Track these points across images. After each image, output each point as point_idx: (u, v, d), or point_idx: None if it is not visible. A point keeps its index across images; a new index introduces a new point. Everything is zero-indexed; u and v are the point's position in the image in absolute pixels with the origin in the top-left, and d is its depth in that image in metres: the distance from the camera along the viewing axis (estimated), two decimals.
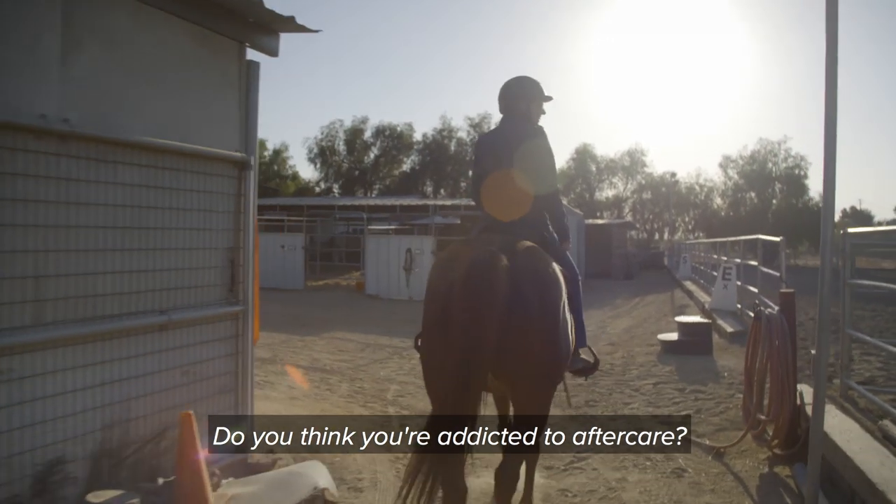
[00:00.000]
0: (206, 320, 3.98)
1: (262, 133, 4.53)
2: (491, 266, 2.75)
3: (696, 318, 9.86)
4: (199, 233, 3.93)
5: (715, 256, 17.15)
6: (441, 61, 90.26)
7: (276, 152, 58.35)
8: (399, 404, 6.92)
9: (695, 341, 8.68)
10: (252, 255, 4.28)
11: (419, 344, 3.39)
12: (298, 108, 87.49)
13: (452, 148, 55.76)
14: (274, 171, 57.23)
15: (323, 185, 57.92)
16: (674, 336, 9.12)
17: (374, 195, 52.27)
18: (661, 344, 9.17)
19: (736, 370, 7.56)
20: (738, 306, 12.06)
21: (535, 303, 2.88)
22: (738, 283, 12.26)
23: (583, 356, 3.69)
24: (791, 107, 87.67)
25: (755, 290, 10.45)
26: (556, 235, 3.83)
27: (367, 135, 56.77)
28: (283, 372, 8.50)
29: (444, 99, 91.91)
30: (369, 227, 21.03)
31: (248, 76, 4.29)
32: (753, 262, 10.67)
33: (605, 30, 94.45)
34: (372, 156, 57.38)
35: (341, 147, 57.23)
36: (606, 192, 60.35)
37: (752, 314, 10.89)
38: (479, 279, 2.70)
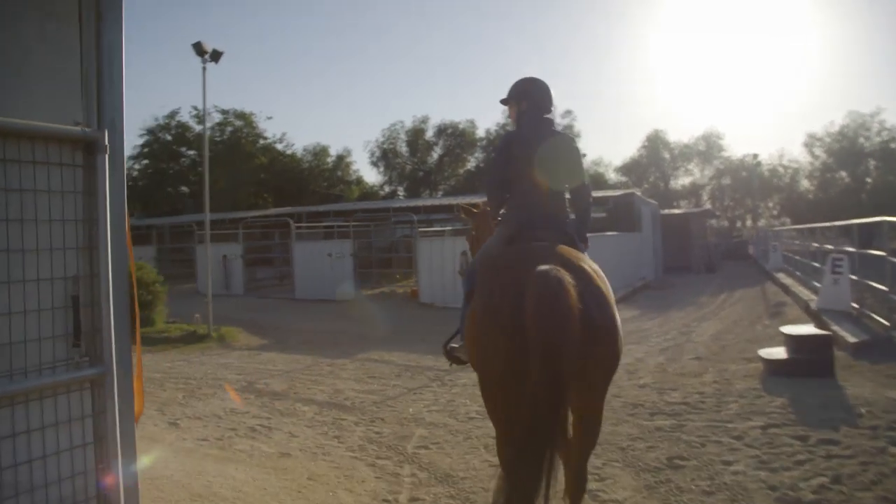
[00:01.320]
0: (25, 396, 2.43)
1: (324, 139, 3.41)
2: (564, 293, 2.61)
3: (810, 329, 7.73)
4: (4, 257, 2.38)
5: (815, 245, 14.76)
6: (503, 54, 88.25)
7: (340, 157, 57.78)
8: (419, 461, 5.28)
9: (810, 360, 6.64)
10: (120, 285, 2.72)
11: (451, 353, 3.90)
12: (360, 112, 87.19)
13: None
14: (338, 177, 56.73)
15: (387, 189, 57.03)
16: (780, 352, 7.10)
17: (439, 196, 50.93)
18: (763, 362, 7.17)
19: (877, 403, 5.54)
20: (855, 306, 9.83)
21: (601, 322, 2.83)
22: (853, 276, 10.03)
23: None
24: (883, 75, 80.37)
25: (884, 287, 8.31)
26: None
27: (429, 134, 55.56)
28: (289, 412, 7.00)
29: (504, 92, 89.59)
30: (421, 229, 19.43)
31: (99, 6, 2.72)
32: (878, 252, 8.52)
33: (674, 7, 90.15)
34: (435, 156, 56.11)
35: (403, 148, 56.24)
36: (682, 180, 57.16)
37: (877, 317, 8.84)
38: (556, 309, 2.57)
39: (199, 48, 11.63)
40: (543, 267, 2.70)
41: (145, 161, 41.88)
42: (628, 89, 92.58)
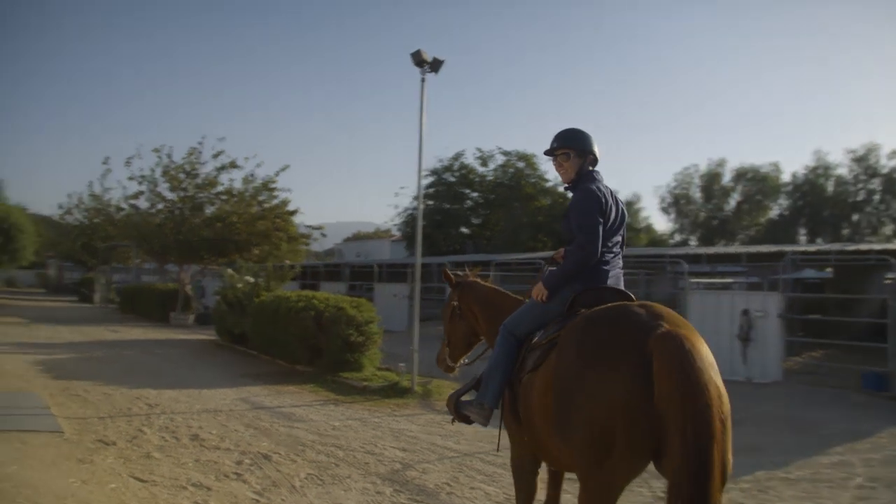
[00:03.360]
0: None
1: (610, 184, 3.62)
2: (698, 356, 2.58)
3: None
4: None
5: None
6: (804, 95, 77.82)
7: (628, 204, 54.99)
8: None
9: None
10: None
11: (461, 408, 3.67)
12: (649, 157, 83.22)
13: (830, 188, 45.76)
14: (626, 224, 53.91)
15: (678, 237, 52.49)
16: None
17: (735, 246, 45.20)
18: None
19: None
20: None
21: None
22: None
23: None
24: None
25: None
26: None
27: (726, 179, 49.97)
28: None
29: (815, 131, 78.91)
30: (693, 279, 15.96)
31: None
32: None
33: None
34: (732, 202, 50.22)
35: (697, 194, 51.37)
36: None
37: None
38: (698, 371, 2.53)
39: (417, 57, 10.24)
40: (664, 328, 2.68)
41: (430, 202, 43.30)
42: None
